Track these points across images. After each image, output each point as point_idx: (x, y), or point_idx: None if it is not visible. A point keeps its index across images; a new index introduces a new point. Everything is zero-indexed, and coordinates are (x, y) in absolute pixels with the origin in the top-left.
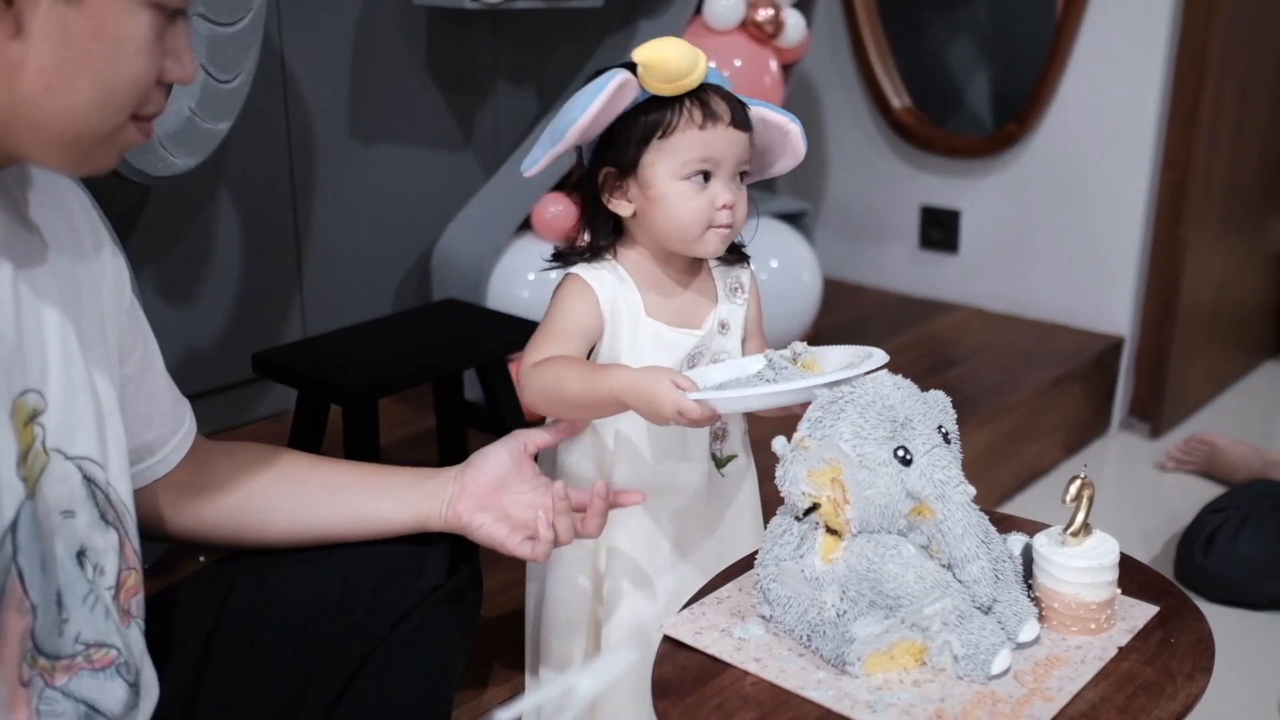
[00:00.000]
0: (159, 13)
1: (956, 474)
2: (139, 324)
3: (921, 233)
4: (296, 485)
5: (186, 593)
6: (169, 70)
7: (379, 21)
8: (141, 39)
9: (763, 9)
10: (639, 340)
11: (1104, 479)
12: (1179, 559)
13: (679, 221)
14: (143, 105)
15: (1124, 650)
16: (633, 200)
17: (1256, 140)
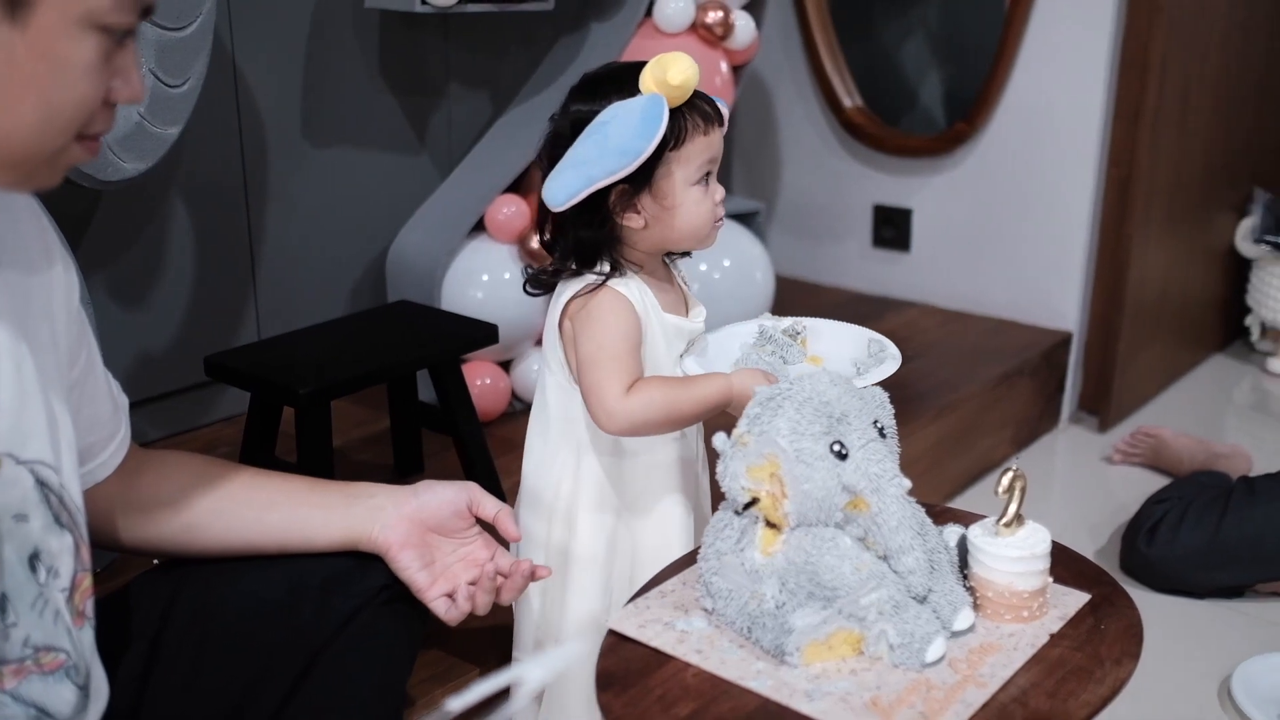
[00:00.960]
0: (106, 36)
1: (891, 468)
2: (85, 328)
3: (874, 231)
4: (224, 501)
5: (135, 594)
6: (116, 91)
7: (331, 24)
8: (87, 62)
9: (712, 11)
10: (658, 336)
11: (1054, 472)
12: (1124, 549)
13: (694, 224)
14: (88, 125)
15: (1055, 637)
16: (643, 211)
17: (1200, 137)
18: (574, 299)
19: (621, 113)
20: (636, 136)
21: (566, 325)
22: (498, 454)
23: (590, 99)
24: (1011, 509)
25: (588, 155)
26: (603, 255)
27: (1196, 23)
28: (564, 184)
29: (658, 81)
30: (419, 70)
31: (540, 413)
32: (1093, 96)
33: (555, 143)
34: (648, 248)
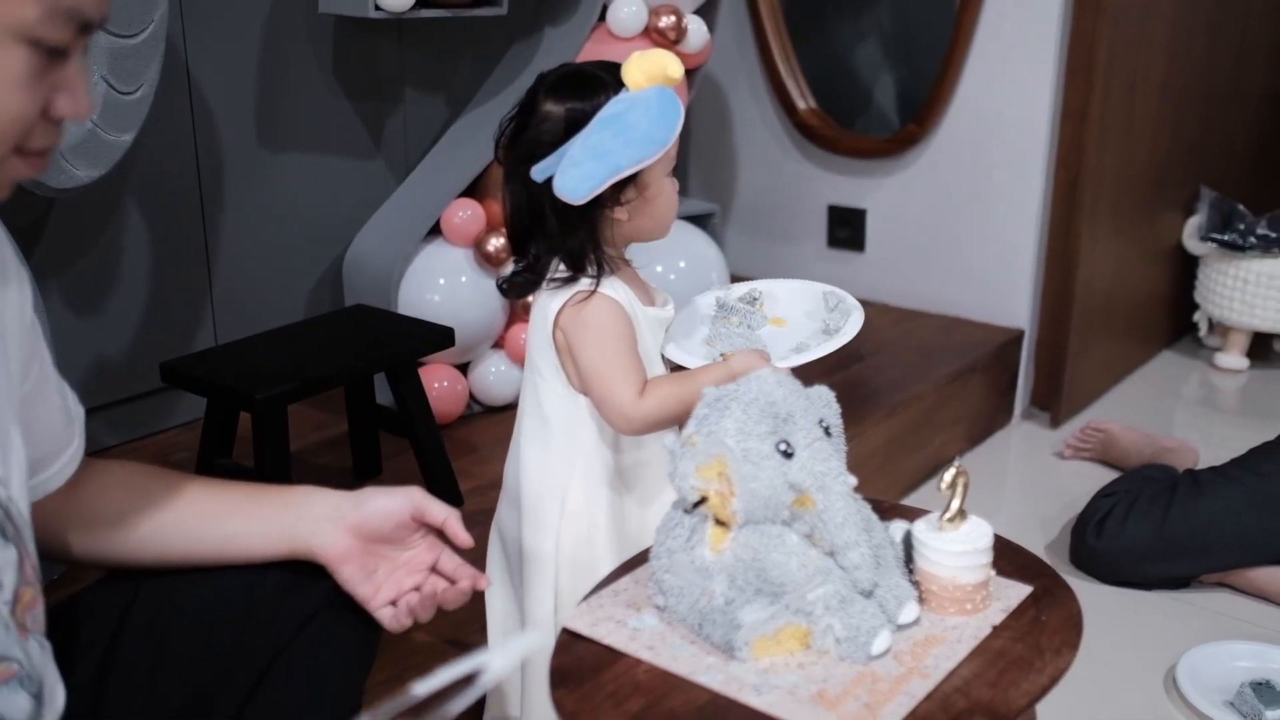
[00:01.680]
0: (38, 50)
1: (837, 465)
2: (37, 341)
3: (829, 231)
4: (166, 515)
5: (91, 600)
6: (58, 106)
7: (285, 30)
8: (14, 75)
9: (665, 16)
10: (644, 331)
11: (1007, 468)
12: (1073, 542)
13: (667, 214)
14: (27, 140)
15: (998, 629)
16: (627, 204)
17: (1146, 137)
18: (564, 308)
19: (638, 104)
20: (659, 124)
21: (559, 335)
22: (456, 455)
23: (581, 97)
24: (954, 504)
25: (608, 145)
26: (588, 256)
27: (1141, 25)
28: (586, 174)
29: (651, 76)
30: (374, 75)
31: (539, 425)
32: (1040, 99)
33: (541, 143)
34: (624, 241)
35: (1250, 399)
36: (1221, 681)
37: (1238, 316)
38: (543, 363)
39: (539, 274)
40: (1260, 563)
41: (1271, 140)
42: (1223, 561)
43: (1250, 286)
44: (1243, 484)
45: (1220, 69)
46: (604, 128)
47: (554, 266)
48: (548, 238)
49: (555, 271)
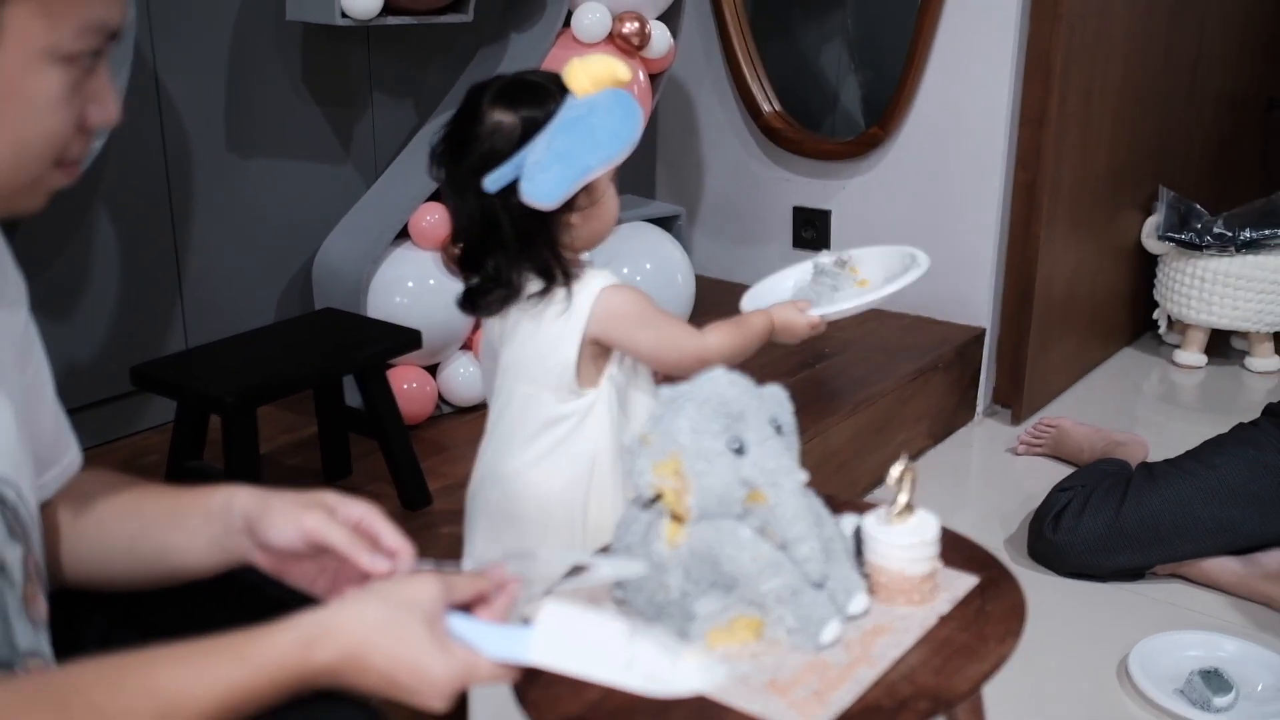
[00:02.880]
0: (73, 65)
1: (788, 462)
2: (33, 344)
3: (794, 232)
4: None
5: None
6: (91, 115)
7: (253, 36)
8: (54, 95)
9: (629, 22)
10: None
11: (969, 464)
12: (1031, 536)
13: (612, 217)
14: (65, 152)
15: (944, 618)
16: (580, 209)
17: (1104, 139)
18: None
19: (598, 106)
20: (624, 124)
21: (588, 348)
22: (425, 455)
23: (533, 105)
24: (902, 499)
25: (574, 149)
26: (553, 264)
27: (1097, 31)
28: (557, 179)
29: (598, 80)
30: (342, 80)
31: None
32: (999, 103)
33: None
34: (578, 246)
35: (1208, 395)
36: (1172, 670)
37: (1195, 314)
38: (554, 377)
39: (513, 287)
40: (1212, 552)
41: (1228, 141)
42: (1175, 552)
43: (1208, 285)
44: (1194, 476)
45: (1177, 72)
46: (567, 131)
47: (524, 279)
48: (505, 249)
49: (528, 288)
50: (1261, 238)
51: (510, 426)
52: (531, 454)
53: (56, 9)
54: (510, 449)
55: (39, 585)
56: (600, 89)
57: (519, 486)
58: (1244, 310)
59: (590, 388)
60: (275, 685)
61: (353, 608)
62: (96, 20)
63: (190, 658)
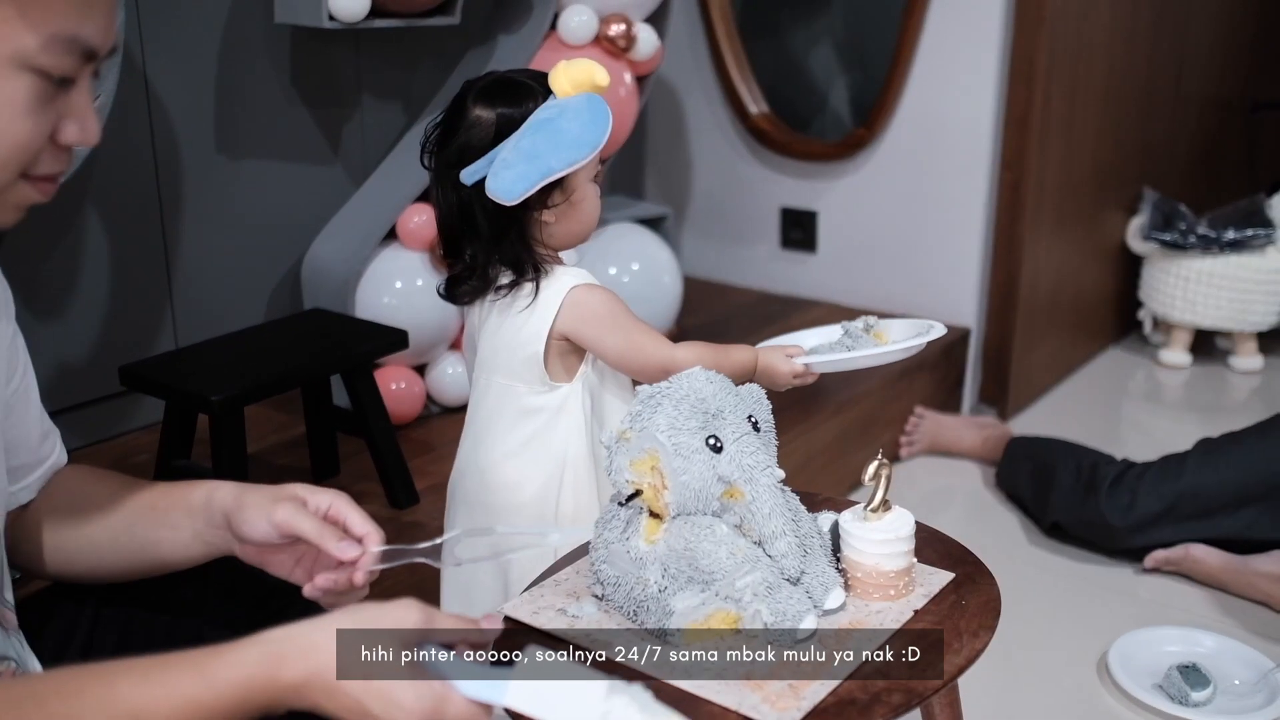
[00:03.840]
0: (42, 78)
1: (765, 459)
2: (19, 351)
3: (782, 233)
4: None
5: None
6: (66, 132)
7: (243, 38)
8: (19, 103)
9: (615, 24)
10: None
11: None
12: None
13: (591, 217)
14: (34, 166)
15: (919, 613)
16: (554, 206)
17: (1088, 140)
18: (559, 317)
19: (569, 109)
20: (590, 129)
21: (557, 343)
22: (412, 455)
23: (510, 103)
24: (878, 495)
25: (540, 149)
26: (524, 258)
27: (1080, 33)
28: (519, 176)
29: (578, 83)
30: (331, 81)
31: (529, 441)
32: (984, 104)
33: (472, 147)
34: (553, 244)
35: (1193, 394)
36: (1151, 665)
37: (1180, 314)
38: (526, 370)
39: (485, 279)
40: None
41: (1212, 142)
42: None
43: (1192, 285)
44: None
45: (1161, 72)
46: (535, 132)
47: (496, 271)
48: (480, 240)
49: (499, 278)
50: (1245, 238)
51: (487, 417)
52: (507, 446)
53: (26, 18)
54: (487, 440)
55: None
56: (579, 92)
57: (495, 477)
58: (1228, 310)
59: (563, 382)
60: (240, 704)
61: (325, 627)
62: (68, 34)
63: (153, 672)
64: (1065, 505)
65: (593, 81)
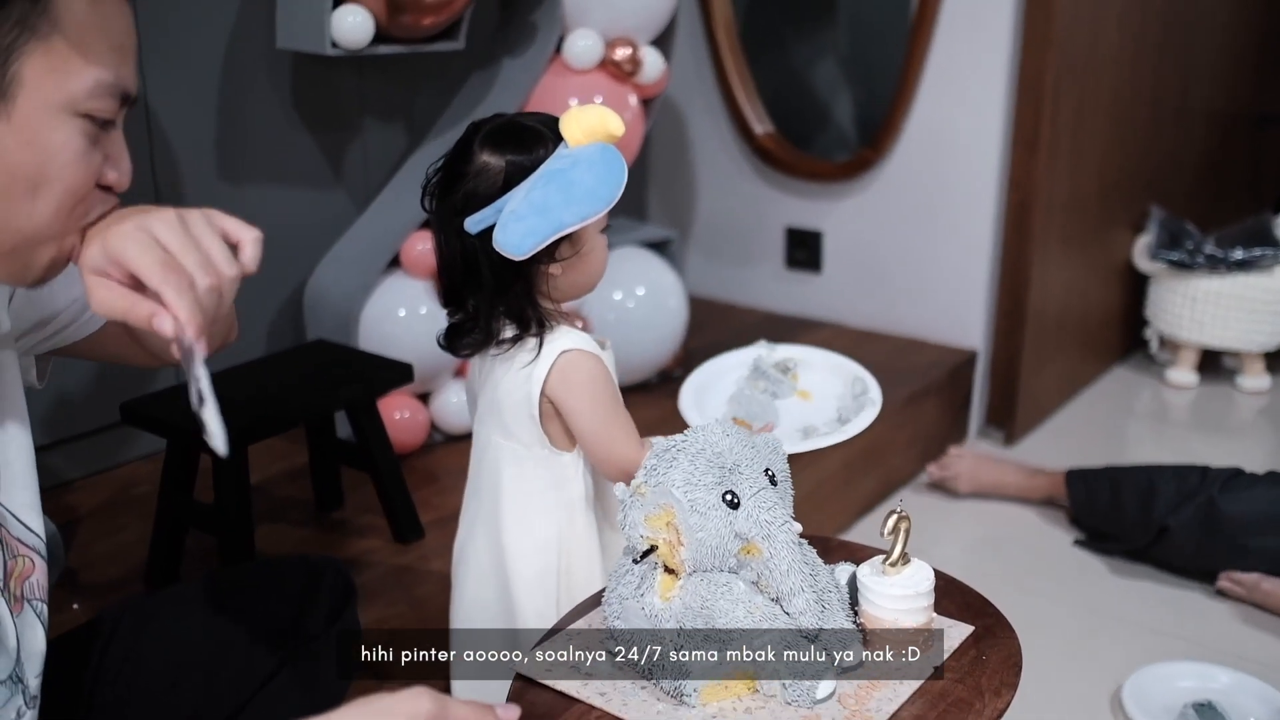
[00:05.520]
0: (89, 122)
1: (782, 514)
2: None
3: (787, 253)
4: None
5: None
6: (108, 175)
7: (244, 62)
8: (73, 147)
9: (620, 48)
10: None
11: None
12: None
13: (599, 268)
14: (87, 213)
15: (939, 670)
16: (561, 259)
17: (1095, 160)
18: (549, 376)
19: (582, 160)
20: (604, 183)
21: (545, 404)
22: (417, 486)
23: (520, 150)
24: (896, 550)
25: (551, 202)
26: (528, 313)
27: (1088, 52)
28: (529, 230)
29: (591, 132)
30: (333, 105)
31: (522, 499)
32: (991, 125)
33: (478, 195)
34: (558, 296)
35: (1200, 414)
36: (1166, 701)
37: (1187, 334)
38: (522, 430)
39: (488, 332)
40: None
41: (1219, 158)
42: None
43: (1199, 304)
44: None
45: (1168, 89)
46: (547, 183)
47: (499, 324)
48: (483, 292)
49: (502, 331)
50: (1252, 258)
51: (490, 476)
52: (508, 508)
53: (72, 64)
54: (489, 501)
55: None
56: (592, 140)
57: (498, 541)
58: (1235, 330)
59: (563, 449)
60: None
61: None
62: (110, 79)
63: None
64: (1175, 509)
65: (606, 130)
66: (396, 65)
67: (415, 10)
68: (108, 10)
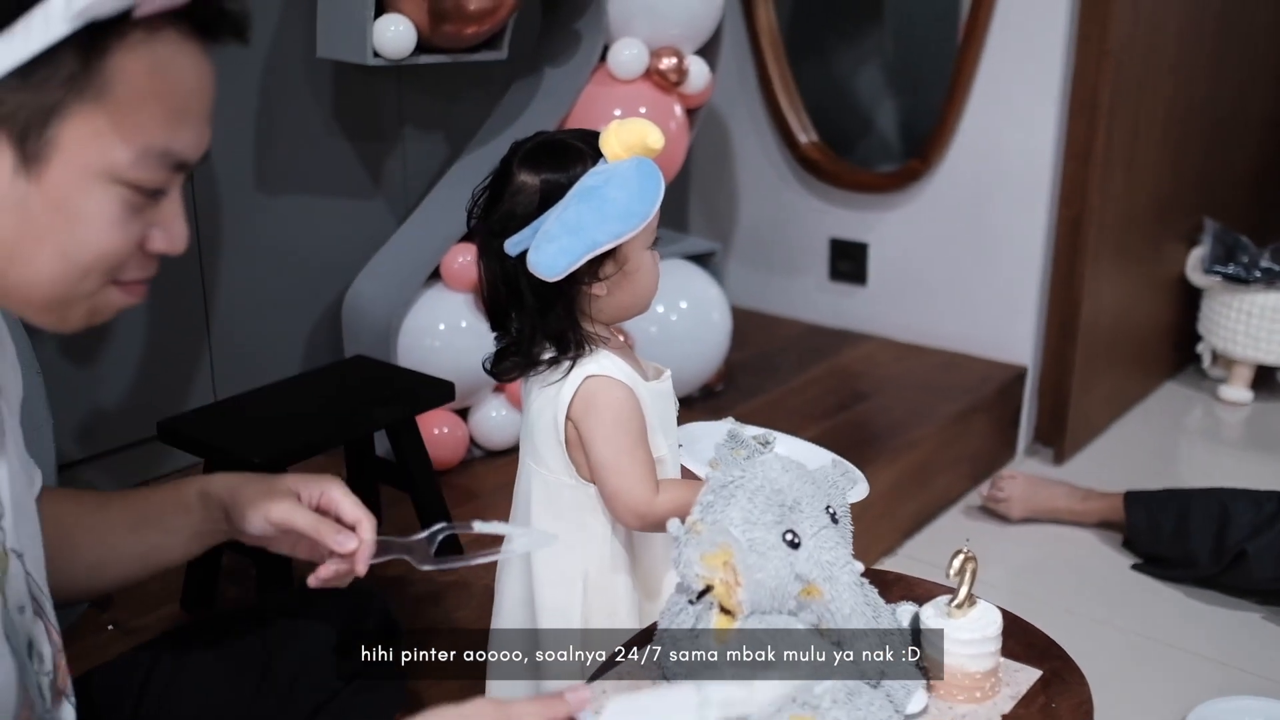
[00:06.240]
0: (132, 190)
1: (844, 554)
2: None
3: (831, 265)
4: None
5: (102, 681)
6: (153, 240)
7: (283, 71)
8: (108, 215)
9: (666, 58)
10: (649, 406)
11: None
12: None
13: (649, 288)
14: (121, 272)
15: (1007, 717)
16: (605, 278)
17: (1150, 172)
18: (574, 400)
19: (616, 176)
20: (639, 199)
21: (570, 428)
22: (456, 503)
23: (556, 168)
24: (963, 592)
25: (585, 220)
26: (569, 335)
27: (1145, 62)
28: (562, 250)
29: (630, 146)
30: (373, 114)
31: (552, 521)
32: (1043, 138)
33: (515, 215)
34: (605, 318)
35: (1254, 432)
36: None
37: (1241, 350)
38: (551, 457)
39: (529, 355)
40: None
41: (1276, 169)
42: None
43: (1254, 320)
44: None
45: (1224, 97)
46: (580, 201)
47: (540, 347)
48: (526, 313)
49: (542, 354)
50: None
51: (524, 501)
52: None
53: (119, 131)
54: (523, 524)
55: (63, 654)
56: (631, 154)
57: (530, 566)
58: None
59: (591, 481)
60: None
61: None
62: (160, 147)
63: None
64: (1253, 535)
65: (645, 144)
66: (437, 74)
67: (458, 20)
68: (175, 74)
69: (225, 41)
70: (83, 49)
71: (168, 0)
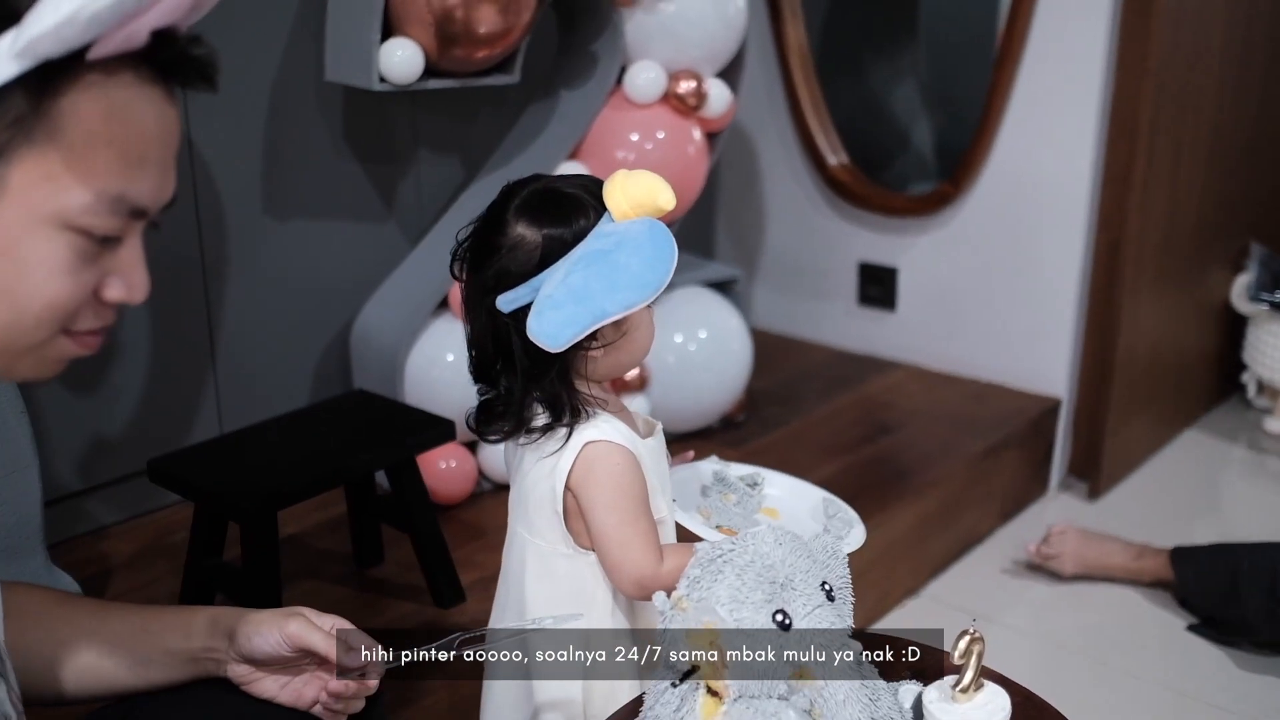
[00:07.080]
0: (85, 237)
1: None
2: None
3: (859, 289)
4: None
5: None
6: (110, 288)
7: (292, 94)
8: (56, 261)
9: (685, 81)
10: (647, 465)
11: None
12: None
13: (645, 346)
14: (74, 322)
15: None
16: (605, 343)
17: (1193, 195)
18: (573, 468)
19: (628, 241)
20: (651, 268)
21: (569, 498)
22: (461, 541)
23: (558, 222)
24: (968, 675)
25: (593, 288)
26: (563, 400)
27: (1186, 82)
28: (567, 320)
29: (639, 205)
30: (386, 137)
31: (544, 602)
32: (1080, 161)
33: (510, 272)
34: (598, 377)
35: None
36: None
37: None
38: (547, 528)
39: (520, 419)
40: None
41: None
42: None
43: None
44: None
45: (1271, 118)
46: (588, 265)
47: (531, 412)
48: (516, 374)
49: (534, 419)
50: None
51: (516, 569)
52: (531, 607)
53: (71, 175)
54: (514, 595)
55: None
56: (640, 214)
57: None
58: None
59: (589, 550)
60: None
61: None
62: (114, 192)
63: None
64: None
65: (655, 203)
66: (451, 96)
67: (468, 43)
68: (132, 119)
69: (192, 87)
70: (32, 90)
71: (124, 43)
